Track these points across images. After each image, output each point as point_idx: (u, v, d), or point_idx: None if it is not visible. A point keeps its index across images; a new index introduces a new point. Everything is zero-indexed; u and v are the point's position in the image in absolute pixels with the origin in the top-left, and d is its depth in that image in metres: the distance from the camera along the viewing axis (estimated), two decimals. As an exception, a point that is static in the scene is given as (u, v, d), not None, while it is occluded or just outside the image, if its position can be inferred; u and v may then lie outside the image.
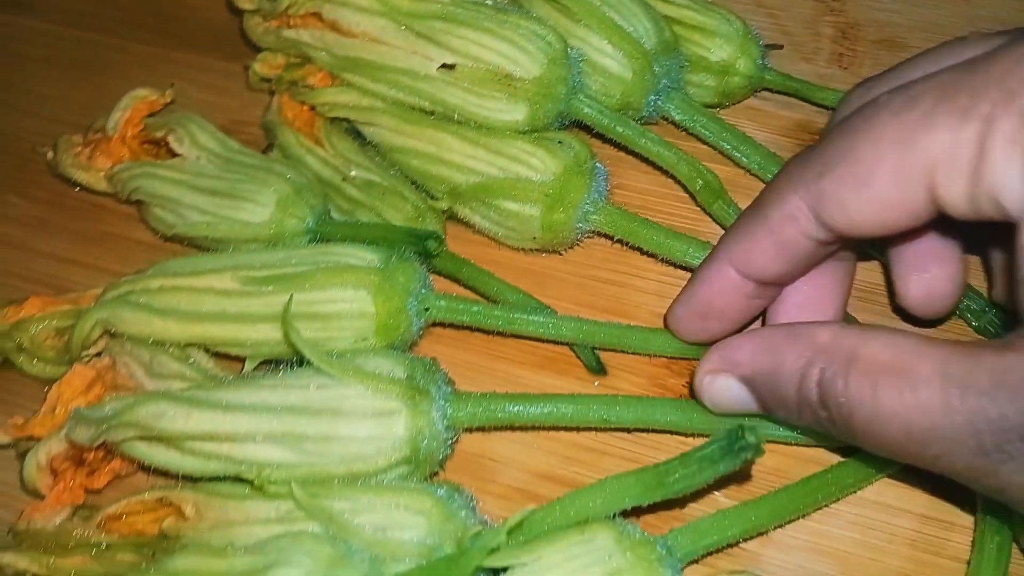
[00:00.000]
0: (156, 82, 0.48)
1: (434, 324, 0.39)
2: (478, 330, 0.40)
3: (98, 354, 0.38)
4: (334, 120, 0.45)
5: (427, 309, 0.37)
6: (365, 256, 0.37)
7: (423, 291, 0.38)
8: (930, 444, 0.26)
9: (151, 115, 0.46)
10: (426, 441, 0.33)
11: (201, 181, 0.42)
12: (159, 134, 0.44)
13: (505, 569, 0.29)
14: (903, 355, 0.26)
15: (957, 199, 0.27)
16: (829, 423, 0.28)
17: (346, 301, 0.36)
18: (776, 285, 0.34)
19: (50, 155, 0.47)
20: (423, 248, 0.39)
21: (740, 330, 0.36)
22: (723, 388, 0.31)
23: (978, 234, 0.34)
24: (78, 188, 0.47)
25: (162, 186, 0.42)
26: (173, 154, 0.43)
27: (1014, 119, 0.25)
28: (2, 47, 0.56)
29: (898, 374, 0.26)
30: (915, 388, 0.26)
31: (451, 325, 0.39)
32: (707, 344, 0.34)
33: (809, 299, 0.35)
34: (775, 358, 0.29)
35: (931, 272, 0.35)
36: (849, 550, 0.35)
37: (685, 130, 0.45)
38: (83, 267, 0.46)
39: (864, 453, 0.34)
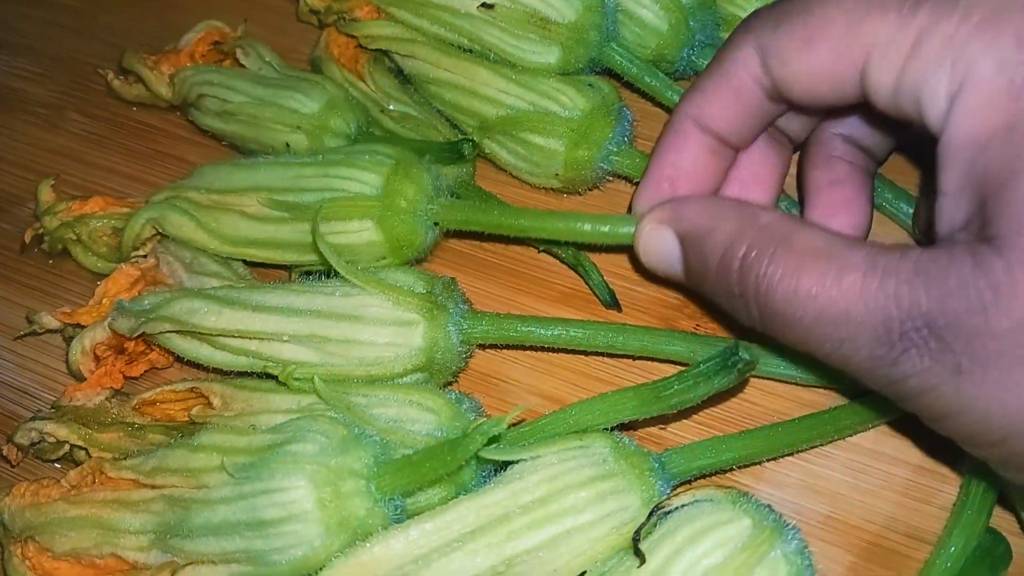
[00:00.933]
0: (213, 17, 0.50)
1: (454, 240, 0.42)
2: (495, 237, 0.42)
3: (144, 256, 0.40)
4: (377, 58, 0.47)
5: (436, 224, 0.39)
6: (368, 180, 0.38)
7: (430, 207, 0.38)
8: (839, 328, 0.26)
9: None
10: (441, 352, 0.34)
11: (261, 79, 0.46)
12: (228, 48, 0.47)
13: (506, 467, 0.31)
14: (835, 245, 0.27)
15: (882, 87, 0.27)
16: (743, 301, 0.29)
17: (353, 232, 0.38)
18: (731, 146, 0.35)
19: (110, 76, 0.50)
20: (458, 152, 0.41)
21: None
22: (659, 239, 0.32)
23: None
24: (135, 107, 0.50)
25: (223, 79, 0.45)
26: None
27: (956, 20, 0.25)
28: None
29: (826, 259, 0.26)
30: (840, 272, 0.26)
31: (469, 235, 0.41)
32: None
33: (750, 176, 0.36)
34: (713, 221, 0.30)
35: (839, 220, 0.35)
36: (841, 491, 0.36)
37: (717, 86, 0.46)
38: (136, 181, 0.48)
39: (866, 399, 0.36)
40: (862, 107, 0.29)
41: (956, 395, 0.25)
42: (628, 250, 0.37)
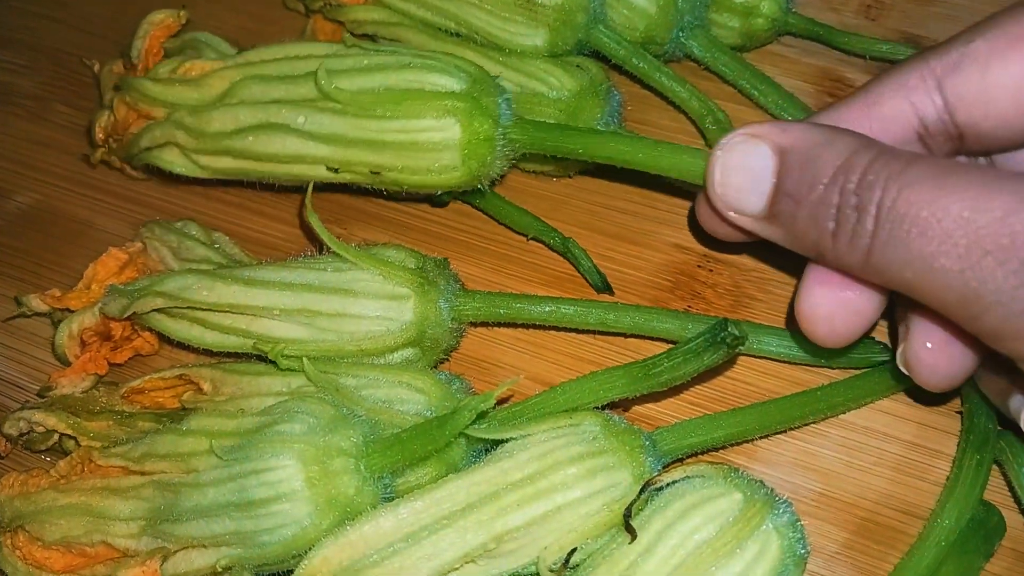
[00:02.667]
0: (197, 5, 0.50)
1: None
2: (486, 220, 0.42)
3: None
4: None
5: (510, 139, 0.37)
6: (449, 84, 0.37)
7: (507, 126, 0.37)
8: (986, 242, 0.23)
9: (173, 36, 0.47)
10: (432, 327, 0.34)
11: None
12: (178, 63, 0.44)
13: (496, 446, 0.31)
14: (982, 166, 0.24)
15: None
16: (850, 223, 0.25)
17: (430, 131, 0.36)
18: None
19: (96, 67, 0.50)
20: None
21: None
22: (750, 150, 0.27)
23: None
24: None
25: None
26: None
27: None
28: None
29: (972, 169, 0.23)
30: (992, 180, 0.23)
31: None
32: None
33: None
34: (831, 135, 0.26)
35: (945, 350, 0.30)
36: (834, 468, 0.36)
37: (706, 67, 0.45)
38: (123, 173, 0.48)
39: (858, 376, 0.36)
40: None
41: None
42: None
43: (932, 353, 0.29)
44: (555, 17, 0.41)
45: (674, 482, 0.29)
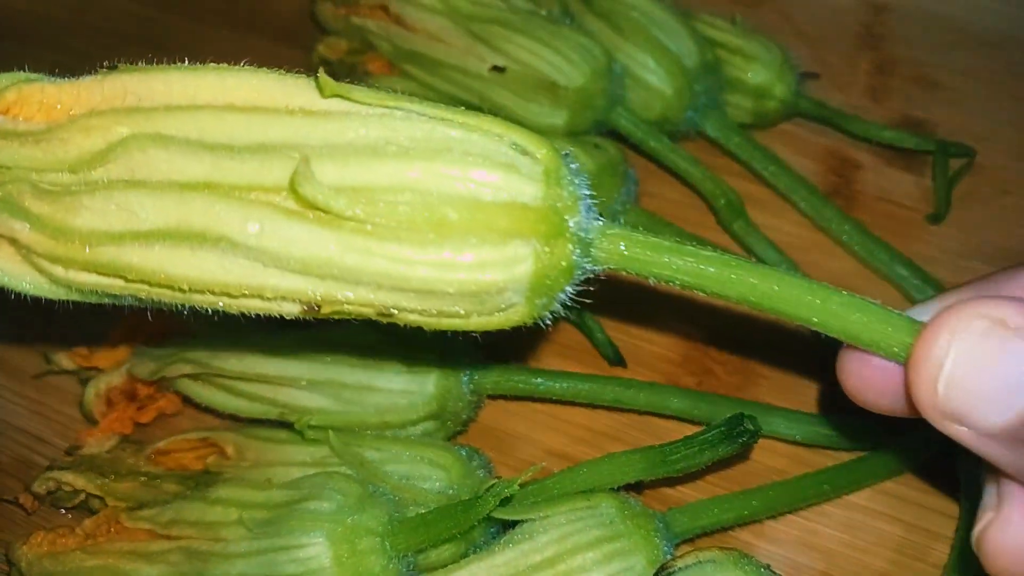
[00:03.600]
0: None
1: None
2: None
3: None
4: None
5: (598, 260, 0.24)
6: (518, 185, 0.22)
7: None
8: None
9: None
10: (452, 400, 0.36)
11: None
12: None
13: (514, 525, 0.32)
14: None
15: None
16: None
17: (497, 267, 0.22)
18: None
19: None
20: None
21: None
22: (998, 348, 0.20)
23: None
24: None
25: None
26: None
27: None
28: (82, 21, 0.60)
29: None
30: None
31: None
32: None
33: None
34: None
35: None
36: (836, 548, 0.38)
37: (719, 146, 0.47)
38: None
39: (861, 459, 0.37)
40: None
41: None
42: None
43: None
44: (576, 99, 0.43)
45: (687, 567, 0.30)
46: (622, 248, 0.23)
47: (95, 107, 0.23)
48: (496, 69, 0.43)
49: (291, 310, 0.23)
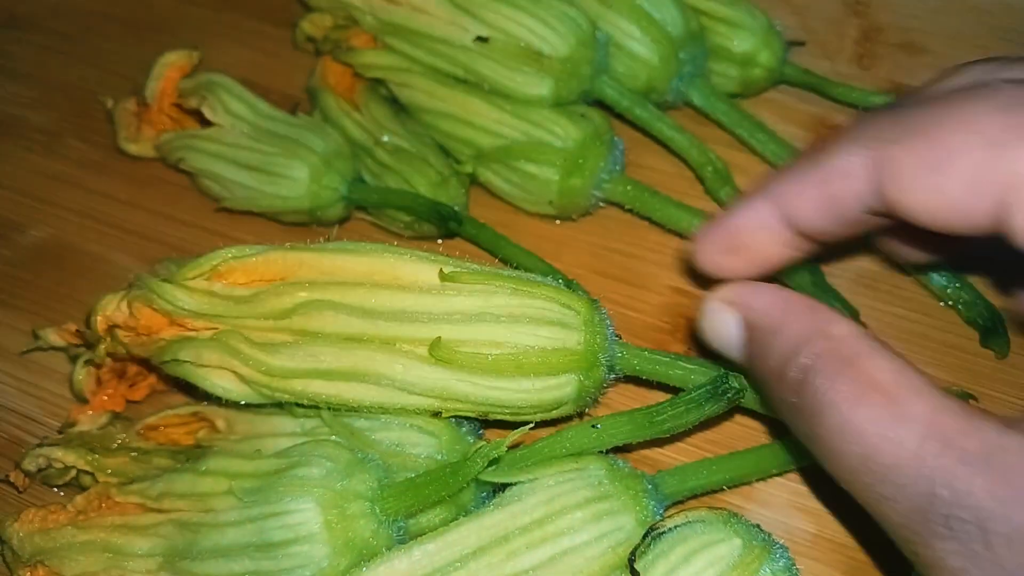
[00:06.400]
0: (209, 43, 0.51)
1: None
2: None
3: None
4: (372, 87, 0.48)
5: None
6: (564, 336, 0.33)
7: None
8: (882, 481, 0.24)
9: (187, 76, 0.49)
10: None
11: (237, 154, 0.45)
12: (192, 103, 0.46)
13: (505, 489, 0.32)
14: (903, 384, 0.24)
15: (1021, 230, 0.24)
16: (792, 409, 0.27)
17: (553, 389, 0.34)
18: (811, 241, 0.32)
19: (109, 103, 0.51)
20: (445, 226, 0.43)
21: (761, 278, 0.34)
22: (725, 321, 0.31)
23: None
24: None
25: (203, 159, 0.46)
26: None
27: None
28: (67, 3, 0.59)
29: (889, 399, 0.24)
30: (898, 419, 0.24)
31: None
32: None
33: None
34: (783, 319, 0.28)
35: None
36: (828, 510, 0.38)
37: (705, 115, 0.47)
38: (135, 207, 0.49)
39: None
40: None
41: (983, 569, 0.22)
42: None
43: None
44: (561, 68, 0.43)
45: (676, 527, 0.31)
46: (635, 363, 0.35)
47: (283, 276, 0.34)
48: (480, 40, 0.43)
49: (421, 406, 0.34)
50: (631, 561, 0.29)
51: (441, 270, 0.33)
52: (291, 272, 0.34)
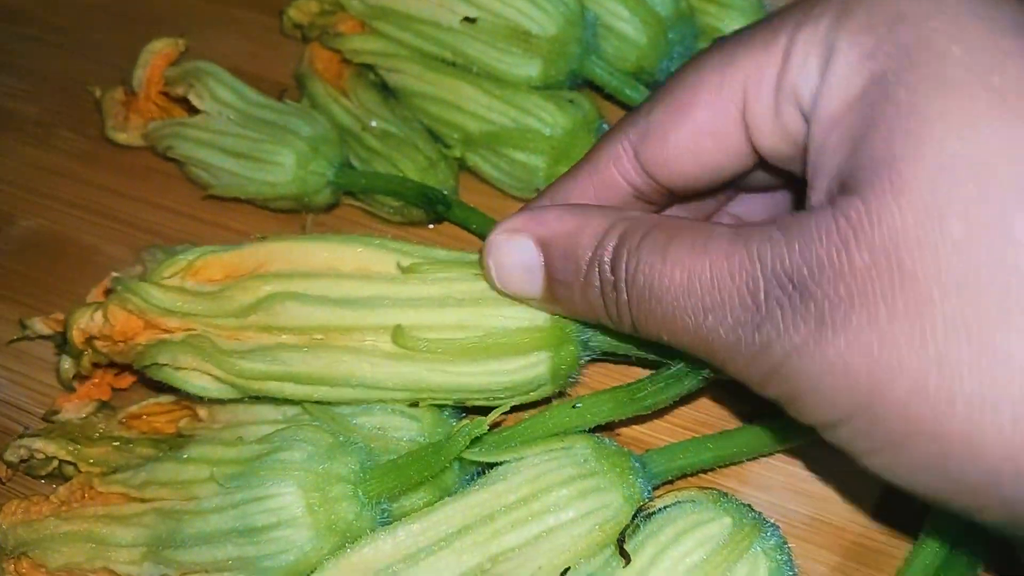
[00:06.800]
0: (199, 32, 0.51)
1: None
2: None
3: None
4: (360, 72, 0.48)
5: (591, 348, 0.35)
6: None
7: None
8: (705, 297, 0.25)
9: (174, 63, 0.48)
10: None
11: (225, 141, 0.45)
12: (179, 91, 0.46)
13: (489, 471, 0.31)
14: (704, 224, 0.26)
15: (764, 120, 0.26)
16: (611, 300, 0.27)
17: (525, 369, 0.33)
18: None
19: (97, 93, 0.50)
20: (433, 210, 0.42)
21: None
22: (515, 248, 0.29)
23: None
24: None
25: (190, 146, 0.46)
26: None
27: (813, 22, 0.24)
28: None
29: (694, 232, 0.25)
30: (706, 241, 0.25)
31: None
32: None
33: None
34: (581, 220, 0.28)
35: None
36: (825, 493, 0.37)
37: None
38: (127, 198, 0.49)
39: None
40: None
41: (818, 355, 0.23)
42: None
43: None
44: (549, 48, 0.42)
45: (666, 507, 0.30)
46: (611, 339, 0.33)
47: (253, 270, 0.34)
48: (468, 20, 0.43)
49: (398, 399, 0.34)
50: (620, 542, 0.29)
51: (399, 263, 0.33)
52: (262, 265, 0.34)
